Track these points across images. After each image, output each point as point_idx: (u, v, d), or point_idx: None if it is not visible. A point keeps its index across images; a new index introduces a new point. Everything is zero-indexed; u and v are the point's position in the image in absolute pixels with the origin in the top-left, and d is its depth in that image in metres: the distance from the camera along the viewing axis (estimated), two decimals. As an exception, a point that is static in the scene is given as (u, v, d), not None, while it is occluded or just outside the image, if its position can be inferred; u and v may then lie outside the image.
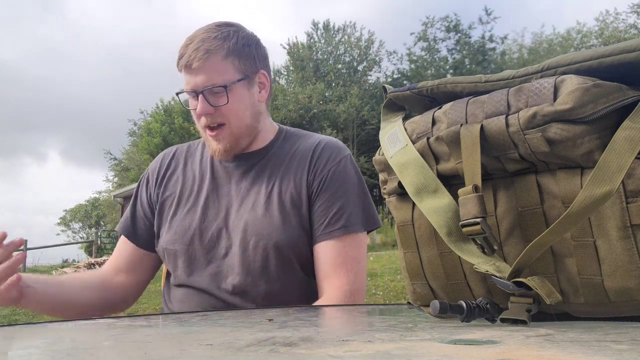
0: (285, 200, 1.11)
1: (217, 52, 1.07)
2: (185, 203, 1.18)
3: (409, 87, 0.65)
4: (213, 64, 1.07)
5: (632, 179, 0.46)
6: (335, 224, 1.09)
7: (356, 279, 1.09)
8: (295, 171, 1.13)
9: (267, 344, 0.39)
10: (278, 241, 1.07)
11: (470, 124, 0.54)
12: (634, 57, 0.48)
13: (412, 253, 0.61)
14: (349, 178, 1.13)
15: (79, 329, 0.60)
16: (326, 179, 1.11)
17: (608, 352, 0.32)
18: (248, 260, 1.09)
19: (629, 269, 0.47)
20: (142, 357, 0.35)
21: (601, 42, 22.99)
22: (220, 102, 1.08)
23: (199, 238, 1.13)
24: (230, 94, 1.08)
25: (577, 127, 0.47)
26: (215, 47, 1.06)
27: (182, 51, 1.09)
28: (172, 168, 1.24)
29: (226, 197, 1.15)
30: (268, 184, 1.13)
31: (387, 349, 0.35)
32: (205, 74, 1.07)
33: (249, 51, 1.11)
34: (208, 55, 1.06)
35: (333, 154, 1.15)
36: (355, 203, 1.12)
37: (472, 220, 0.50)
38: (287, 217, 1.09)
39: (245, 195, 1.14)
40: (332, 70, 25.68)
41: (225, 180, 1.17)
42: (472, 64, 25.37)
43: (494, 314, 0.51)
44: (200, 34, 1.09)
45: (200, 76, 1.07)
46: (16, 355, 0.39)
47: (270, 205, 1.10)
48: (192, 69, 1.08)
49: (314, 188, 1.11)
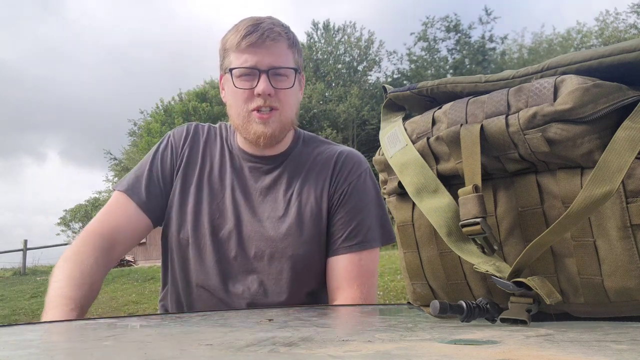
0: (304, 214, 1.09)
1: (284, 39, 1.08)
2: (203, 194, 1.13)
3: (409, 87, 0.65)
4: (282, 48, 1.08)
5: (632, 179, 0.46)
6: (353, 238, 1.09)
7: (369, 292, 1.09)
8: (316, 182, 1.12)
9: (267, 344, 0.39)
10: (294, 254, 1.07)
11: (470, 124, 0.54)
12: (634, 57, 0.48)
13: (412, 253, 0.61)
14: (368, 192, 1.13)
15: (79, 329, 0.60)
16: (347, 192, 1.11)
17: (608, 352, 0.32)
18: (262, 271, 1.08)
19: (629, 269, 0.47)
20: (142, 357, 0.35)
21: (601, 42, 22.98)
22: (284, 85, 1.07)
23: (210, 235, 1.10)
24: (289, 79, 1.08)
25: (577, 127, 0.47)
26: (284, 34, 1.08)
27: (249, 29, 1.05)
28: (196, 148, 1.17)
29: (244, 198, 1.12)
30: (287, 192, 1.11)
31: (387, 349, 0.35)
32: (274, 56, 1.06)
33: (299, 49, 1.14)
34: (279, 39, 1.07)
35: (354, 167, 1.14)
36: (373, 218, 1.11)
37: (472, 220, 0.50)
38: (304, 232, 1.09)
39: (263, 200, 1.11)
40: (332, 70, 25.68)
41: (244, 179, 1.14)
42: (472, 64, 25.36)
43: (494, 314, 0.51)
44: (266, 19, 1.09)
45: (268, 57, 1.06)
46: (16, 355, 0.39)
47: (288, 218, 1.09)
48: (260, 48, 1.05)
49: (334, 201, 1.11)
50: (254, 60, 1.05)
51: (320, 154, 1.16)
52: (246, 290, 1.09)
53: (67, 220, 31.23)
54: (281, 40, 1.07)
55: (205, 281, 1.11)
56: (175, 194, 1.14)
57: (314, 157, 1.16)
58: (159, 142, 1.22)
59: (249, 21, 1.08)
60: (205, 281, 1.11)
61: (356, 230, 1.09)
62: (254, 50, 1.05)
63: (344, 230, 1.09)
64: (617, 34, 22.12)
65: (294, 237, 1.08)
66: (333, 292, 1.09)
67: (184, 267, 1.13)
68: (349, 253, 1.08)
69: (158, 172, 1.16)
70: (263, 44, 1.05)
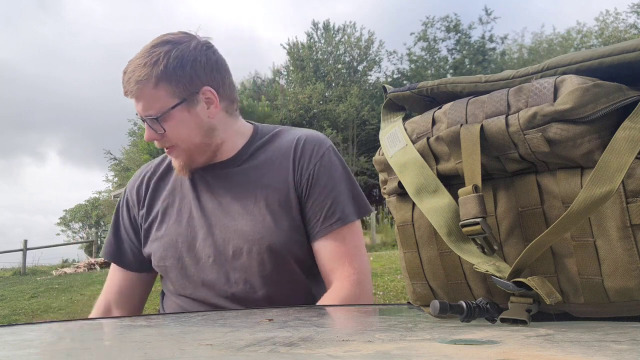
0: (272, 203, 1.09)
1: (147, 81, 1.04)
2: (169, 219, 1.17)
3: (409, 87, 0.65)
4: (145, 93, 1.05)
5: (632, 179, 0.46)
6: (331, 217, 1.08)
7: (362, 265, 1.09)
8: (279, 173, 1.12)
9: (267, 344, 0.39)
10: (271, 244, 1.07)
11: (470, 124, 0.54)
12: (634, 57, 0.48)
13: (412, 253, 0.61)
14: (335, 169, 1.12)
15: (79, 329, 0.60)
16: (313, 174, 1.10)
17: (608, 352, 0.32)
18: (244, 267, 1.08)
19: (629, 269, 0.47)
20: (142, 357, 0.35)
21: (601, 42, 22.98)
22: (159, 131, 1.07)
23: (187, 251, 1.13)
24: (166, 121, 1.06)
25: (577, 127, 0.47)
26: (144, 76, 1.04)
27: (122, 78, 1.08)
28: (151, 187, 1.22)
29: (209, 207, 1.13)
30: (253, 189, 1.11)
31: (387, 349, 0.35)
32: (142, 103, 1.06)
33: (183, 73, 1.06)
34: (139, 86, 1.04)
35: (316, 148, 1.13)
36: (346, 193, 1.11)
37: (472, 220, 0.50)
38: (277, 220, 1.08)
39: (230, 202, 1.12)
40: (332, 70, 25.68)
41: (206, 191, 1.15)
42: (472, 64, 25.36)
43: (494, 314, 0.51)
44: (135, 60, 1.07)
45: (139, 105, 1.07)
46: (16, 355, 0.39)
47: (258, 210, 1.09)
48: (132, 98, 1.08)
49: (303, 187, 1.10)
50: (136, 108, 1.08)
51: (279, 143, 1.16)
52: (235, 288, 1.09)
53: (67, 220, 31.21)
54: (143, 85, 1.04)
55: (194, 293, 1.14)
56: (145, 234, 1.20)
57: (274, 148, 1.15)
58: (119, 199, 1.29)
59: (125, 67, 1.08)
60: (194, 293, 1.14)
61: (333, 209, 1.08)
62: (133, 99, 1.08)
63: (321, 212, 1.08)
64: (617, 34, 22.12)
65: (268, 227, 1.08)
66: (327, 276, 1.09)
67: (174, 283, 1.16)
68: (331, 232, 1.08)
69: (126, 228, 1.24)
70: (129, 96, 1.07)
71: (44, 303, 7.80)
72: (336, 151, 1.16)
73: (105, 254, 1.25)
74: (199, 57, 1.08)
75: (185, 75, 1.06)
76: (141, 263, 1.22)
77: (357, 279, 1.07)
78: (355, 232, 1.11)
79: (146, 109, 1.06)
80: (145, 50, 1.07)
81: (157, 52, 1.05)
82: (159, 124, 1.06)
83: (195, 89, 1.08)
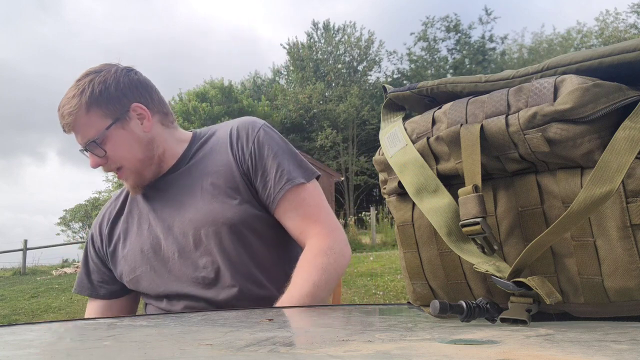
0: (219, 186, 1.14)
1: (78, 110, 1.11)
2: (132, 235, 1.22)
3: (409, 87, 0.65)
4: (80, 122, 1.12)
5: (632, 179, 0.46)
6: (279, 182, 1.12)
7: (328, 219, 1.13)
8: (219, 158, 1.17)
9: (267, 344, 0.39)
10: (225, 221, 1.11)
11: (470, 123, 0.54)
12: (634, 57, 0.48)
13: (412, 253, 0.61)
14: (273, 141, 1.17)
15: (79, 329, 0.60)
16: (254, 149, 1.15)
17: (608, 352, 0.32)
18: (207, 251, 1.12)
19: (629, 269, 0.47)
20: (142, 357, 0.35)
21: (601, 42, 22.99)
22: (101, 154, 1.13)
23: (154, 255, 1.17)
24: (105, 143, 1.13)
25: (577, 127, 0.47)
26: (75, 106, 1.11)
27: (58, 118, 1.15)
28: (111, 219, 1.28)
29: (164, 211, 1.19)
30: (198, 181, 1.17)
31: (387, 349, 0.35)
32: (80, 133, 1.13)
33: (109, 94, 1.13)
34: (72, 117, 1.11)
35: (250, 127, 1.18)
36: (288, 159, 1.15)
37: (472, 220, 0.50)
38: (226, 199, 1.12)
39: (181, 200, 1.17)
40: (332, 70, 25.68)
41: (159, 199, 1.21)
42: (472, 64, 25.38)
43: (494, 314, 0.51)
44: (65, 97, 1.14)
45: (78, 136, 1.14)
46: (16, 355, 0.39)
47: (207, 195, 1.14)
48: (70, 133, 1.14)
49: (248, 164, 1.14)
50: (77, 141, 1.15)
51: (217, 137, 1.22)
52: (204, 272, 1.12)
53: (67, 220, 31.21)
54: (77, 116, 1.11)
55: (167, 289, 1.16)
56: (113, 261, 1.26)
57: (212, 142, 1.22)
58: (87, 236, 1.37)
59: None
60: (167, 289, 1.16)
61: (279, 174, 1.12)
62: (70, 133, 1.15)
63: (270, 181, 1.13)
64: (617, 34, 22.12)
65: (218, 207, 1.12)
66: (300, 240, 1.12)
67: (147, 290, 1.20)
68: (286, 197, 1.11)
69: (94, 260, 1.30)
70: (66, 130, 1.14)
71: (44, 303, 7.81)
72: (271, 127, 1.21)
73: (77, 289, 1.31)
74: (121, 79, 1.16)
75: (111, 97, 1.14)
76: (112, 290, 1.28)
77: (327, 232, 1.10)
78: (312, 193, 1.14)
79: (84, 136, 1.13)
80: (72, 85, 1.15)
81: (81, 83, 1.13)
82: (99, 146, 1.13)
83: (125, 107, 1.15)
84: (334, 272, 1.06)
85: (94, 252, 1.30)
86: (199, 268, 1.13)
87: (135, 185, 1.19)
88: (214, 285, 1.12)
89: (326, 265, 1.05)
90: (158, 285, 1.17)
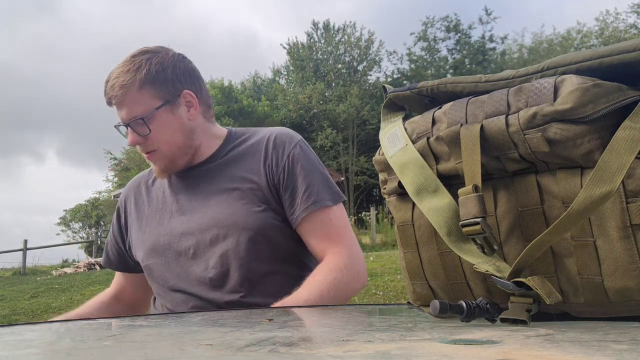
0: (245, 192, 1.15)
1: (131, 85, 1.11)
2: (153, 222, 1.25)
3: (409, 87, 0.65)
4: (130, 97, 1.12)
5: (632, 179, 0.46)
6: (307, 201, 1.13)
7: (350, 242, 1.13)
8: (251, 165, 1.18)
9: (267, 344, 0.39)
10: (245, 227, 1.11)
11: (470, 123, 0.54)
12: (633, 57, 0.48)
13: (412, 253, 0.61)
14: (309, 159, 1.18)
15: (79, 329, 0.60)
16: (288, 164, 1.15)
17: (608, 352, 0.32)
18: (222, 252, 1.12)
19: (629, 269, 0.47)
20: (142, 357, 0.35)
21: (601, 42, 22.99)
22: (144, 132, 1.13)
23: (169, 248, 1.19)
24: (152, 123, 1.13)
25: (577, 127, 0.47)
26: (129, 81, 1.11)
27: (104, 88, 1.15)
28: (137, 195, 1.32)
29: (188, 205, 1.20)
30: (226, 182, 1.18)
31: (387, 349, 0.35)
32: (126, 108, 1.13)
33: (165, 76, 1.14)
34: (123, 91, 1.11)
35: (288, 140, 1.20)
36: (319, 180, 1.16)
37: (472, 220, 0.50)
38: (249, 205, 1.13)
39: (206, 197, 1.18)
40: (332, 70, 25.68)
41: (184, 191, 1.22)
42: (472, 64, 25.37)
43: (494, 314, 0.51)
44: (116, 69, 1.14)
45: (122, 110, 1.14)
46: (16, 355, 0.39)
47: (232, 199, 1.15)
48: (115, 106, 1.15)
49: (279, 176, 1.15)
50: (119, 115, 1.16)
51: (252, 141, 1.23)
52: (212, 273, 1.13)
53: (67, 220, 31.19)
54: (128, 91, 1.12)
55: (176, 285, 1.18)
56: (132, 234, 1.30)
57: (247, 146, 1.23)
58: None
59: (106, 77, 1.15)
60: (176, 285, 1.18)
61: (308, 193, 1.13)
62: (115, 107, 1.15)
63: (298, 198, 1.13)
64: (617, 34, 22.12)
65: (240, 212, 1.13)
66: (320, 256, 1.13)
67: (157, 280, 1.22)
68: (311, 216, 1.12)
69: (115, 234, 1.35)
70: (113, 102, 1.14)
71: (44, 303, 7.81)
72: (307, 144, 1.22)
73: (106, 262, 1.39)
74: (177, 64, 1.17)
75: (167, 79, 1.14)
76: (127, 265, 1.34)
77: (347, 252, 1.11)
78: (338, 216, 1.15)
79: (130, 112, 1.12)
80: (126, 60, 1.15)
81: (138, 60, 1.13)
82: (145, 125, 1.12)
83: (177, 92, 1.16)
84: (344, 290, 1.06)
85: (117, 225, 1.35)
86: (209, 268, 1.13)
87: (164, 170, 1.20)
88: (220, 288, 1.12)
89: (338, 281, 1.05)
90: (167, 279, 1.18)
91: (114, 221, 1.36)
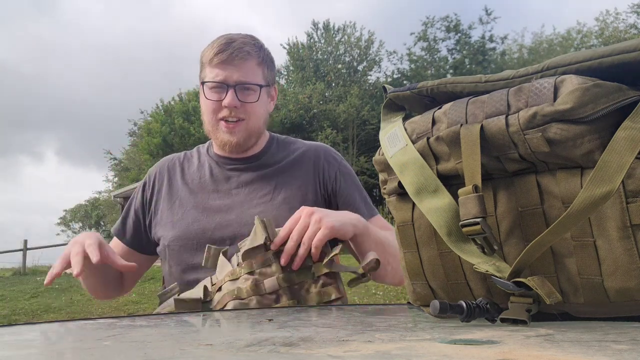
0: (290, 196, 1.20)
1: (255, 57, 1.21)
2: (187, 205, 1.25)
3: (409, 87, 0.65)
4: (250, 65, 1.20)
5: (632, 179, 0.46)
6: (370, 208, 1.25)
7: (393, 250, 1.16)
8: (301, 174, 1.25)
9: (267, 344, 0.39)
10: None
11: (470, 124, 0.54)
12: (634, 57, 0.48)
13: (412, 253, 0.61)
14: (352, 174, 1.30)
15: (79, 329, 0.60)
16: (336, 176, 1.27)
17: (608, 352, 0.32)
18: None
19: (629, 269, 0.47)
20: (142, 357, 0.35)
21: (601, 42, 22.99)
22: (249, 99, 1.20)
23: (202, 235, 1.19)
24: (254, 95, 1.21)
25: (577, 127, 0.47)
26: (254, 53, 1.21)
27: (221, 47, 1.18)
28: (171, 174, 1.33)
29: (228, 197, 1.23)
30: (269, 185, 1.23)
31: (387, 349, 0.35)
32: (242, 72, 1.19)
33: (272, 65, 1.27)
34: (245, 54, 1.19)
35: (334, 155, 1.32)
36: (359, 196, 1.27)
37: (472, 220, 0.50)
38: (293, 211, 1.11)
39: (248, 194, 1.22)
40: (332, 70, 25.67)
41: (225, 182, 1.26)
42: (472, 64, 25.37)
43: (494, 314, 0.51)
44: (239, 37, 1.21)
45: (236, 73, 1.19)
46: (16, 355, 0.39)
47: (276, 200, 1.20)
48: (230, 65, 1.18)
49: (333, 184, 1.25)
50: (223, 75, 1.19)
51: (295, 151, 1.31)
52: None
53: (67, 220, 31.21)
54: (250, 59, 1.20)
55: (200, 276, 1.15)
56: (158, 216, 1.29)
57: (289, 154, 1.30)
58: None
59: (223, 39, 1.21)
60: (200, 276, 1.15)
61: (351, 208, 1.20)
62: (224, 67, 1.19)
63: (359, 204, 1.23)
64: (617, 34, 22.12)
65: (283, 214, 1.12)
66: None
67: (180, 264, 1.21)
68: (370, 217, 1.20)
69: (137, 209, 1.34)
70: (232, 62, 1.18)
71: (44, 303, 7.81)
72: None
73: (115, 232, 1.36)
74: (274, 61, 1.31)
75: (273, 68, 1.28)
76: (139, 243, 1.32)
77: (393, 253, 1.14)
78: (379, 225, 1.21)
79: (244, 75, 1.19)
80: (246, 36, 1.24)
81: (259, 42, 1.25)
82: (259, 92, 1.21)
83: (273, 82, 1.29)
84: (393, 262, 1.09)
85: (141, 200, 1.34)
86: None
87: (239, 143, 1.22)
88: None
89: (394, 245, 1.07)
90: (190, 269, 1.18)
91: (138, 195, 1.35)
